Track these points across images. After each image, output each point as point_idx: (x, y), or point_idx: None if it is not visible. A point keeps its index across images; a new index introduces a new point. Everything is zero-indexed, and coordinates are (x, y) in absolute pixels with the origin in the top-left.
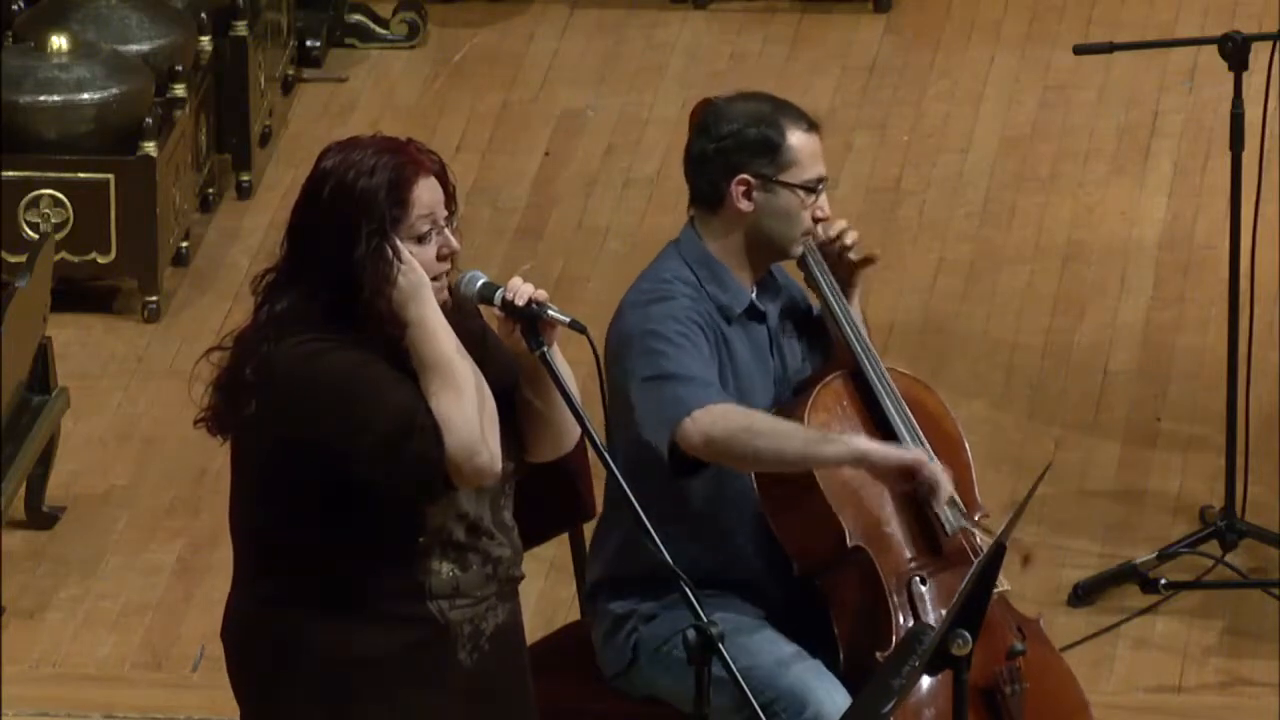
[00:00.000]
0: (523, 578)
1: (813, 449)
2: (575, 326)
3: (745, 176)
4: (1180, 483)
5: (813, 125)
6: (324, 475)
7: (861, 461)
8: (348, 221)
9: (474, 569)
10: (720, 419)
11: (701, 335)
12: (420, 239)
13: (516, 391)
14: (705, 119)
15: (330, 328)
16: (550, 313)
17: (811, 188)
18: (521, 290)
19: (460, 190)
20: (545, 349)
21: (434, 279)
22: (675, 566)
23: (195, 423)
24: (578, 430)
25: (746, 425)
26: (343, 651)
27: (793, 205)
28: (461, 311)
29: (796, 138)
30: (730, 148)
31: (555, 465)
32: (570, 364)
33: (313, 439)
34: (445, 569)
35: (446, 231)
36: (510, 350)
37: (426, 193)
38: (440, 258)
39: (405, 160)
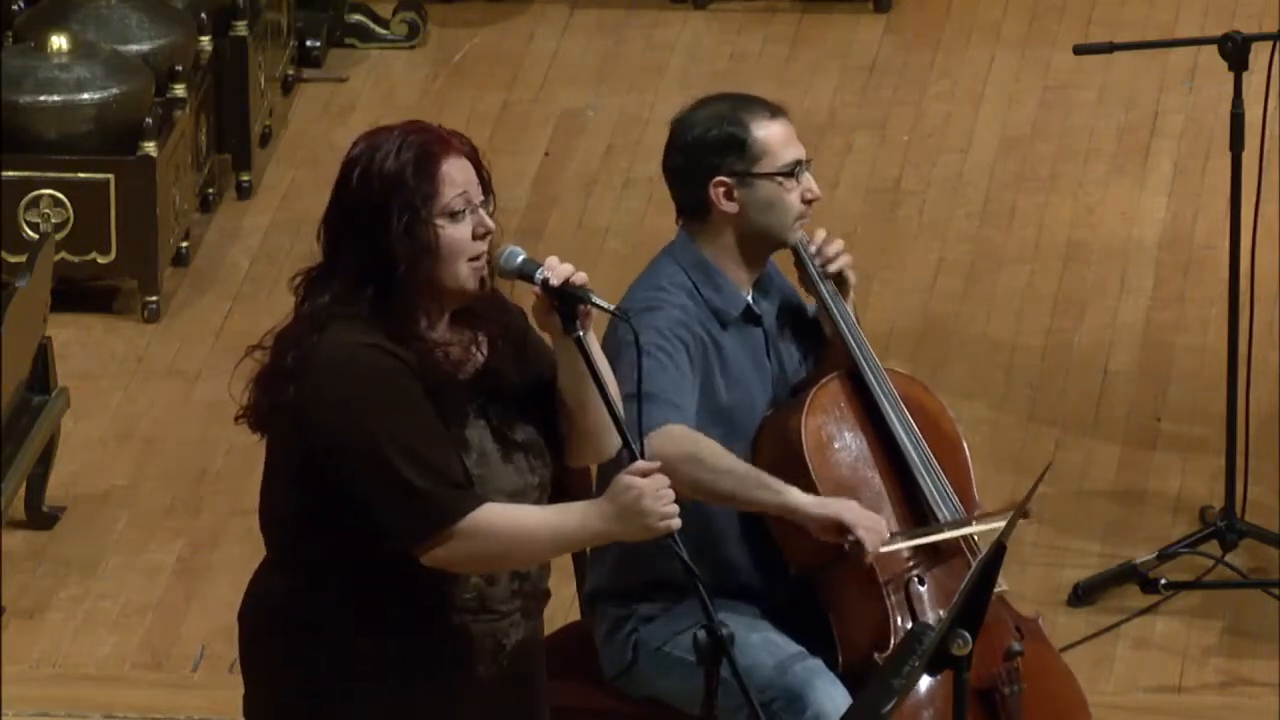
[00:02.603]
0: (549, 594)
1: (745, 491)
2: (616, 313)
3: (721, 178)
4: (1180, 483)
5: (776, 112)
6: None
7: (789, 514)
8: (377, 203)
9: (501, 582)
10: (668, 442)
11: (683, 350)
12: (453, 215)
13: (556, 395)
14: (671, 133)
15: (375, 322)
16: (592, 298)
17: (789, 172)
18: (559, 270)
19: None
20: (580, 333)
21: (472, 259)
22: (688, 561)
23: (236, 419)
24: (617, 438)
25: (691, 452)
26: (354, 653)
27: (775, 194)
28: (505, 311)
29: (761, 129)
30: (698, 153)
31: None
32: None
33: (334, 432)
34: (471, 580)
35: (481, 211)
36: (549, 347)
37: (457, 171)
38: (476, 236)
39: (431, 139)
